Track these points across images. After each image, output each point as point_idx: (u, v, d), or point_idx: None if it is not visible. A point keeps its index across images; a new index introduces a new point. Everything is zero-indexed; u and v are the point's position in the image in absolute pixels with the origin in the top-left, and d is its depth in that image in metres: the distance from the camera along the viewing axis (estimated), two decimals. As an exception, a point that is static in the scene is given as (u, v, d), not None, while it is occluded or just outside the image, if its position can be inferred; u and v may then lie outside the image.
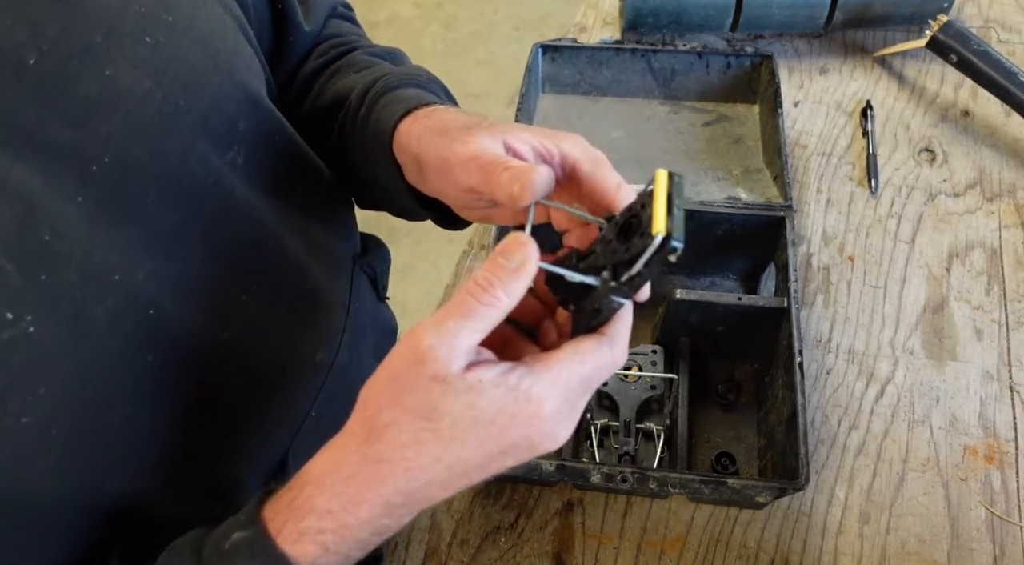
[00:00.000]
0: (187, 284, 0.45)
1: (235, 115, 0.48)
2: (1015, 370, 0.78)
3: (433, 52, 2.54)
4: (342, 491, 0.38)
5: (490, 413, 0.37)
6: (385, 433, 0.38)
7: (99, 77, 0.39)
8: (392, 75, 0.56)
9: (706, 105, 0.95)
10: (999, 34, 1.07)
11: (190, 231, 0.45)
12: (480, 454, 0.38)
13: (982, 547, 0.68)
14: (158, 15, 0.43)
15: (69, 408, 0.39)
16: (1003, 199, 0.90)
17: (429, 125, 0.48)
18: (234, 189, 0.48)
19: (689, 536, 0.69)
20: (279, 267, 0.53)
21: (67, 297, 0.38)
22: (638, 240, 0.38)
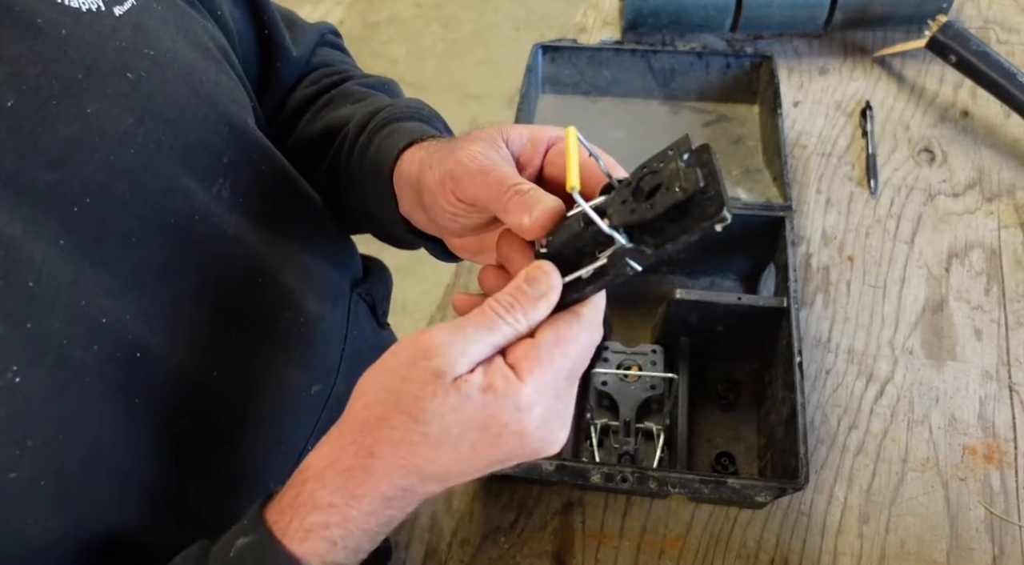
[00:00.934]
0: (175, 323, 0.44)
1: (220, 148, 0.47)
2: (1014, 370, 0.78)
3: (433, 52, 2.54)
4: (343, 484, 0.37)
5: (479, 420, 0.36)
6: (377, 428, 0.37)
7: (80, 116, 0.38)
8: (395, 107, 0.55)
9: (706, 105, 0.95)
10: (998, 34, 1.07)
11: (176, 268, 0.44)
12: (476, 459, 0.37)
13: (981, 547, 0.68)
14: (139, 49, 0.42)
15: (57, 458, 0.38)
16: (1002, 199, 0.91)
17: (431, 148, 0.48)
18: (221, 223, 0.47)
19: (689, 536, 0.69)
20: (271, 300, 0.52)
21: (53, 344, 0.37)
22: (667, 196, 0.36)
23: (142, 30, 0.42)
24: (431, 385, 0.36)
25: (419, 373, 0.36)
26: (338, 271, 0.62)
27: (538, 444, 0.38)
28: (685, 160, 0.37)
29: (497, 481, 0.73)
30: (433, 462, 0.37)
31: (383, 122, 0.54)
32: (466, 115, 2.37)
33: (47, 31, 0.38)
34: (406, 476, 0.37)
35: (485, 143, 0.44)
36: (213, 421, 0.48)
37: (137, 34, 0.42)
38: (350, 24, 2.65)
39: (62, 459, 0.38)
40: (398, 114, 0.54)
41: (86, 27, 0.39)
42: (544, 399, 0.37)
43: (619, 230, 0.37)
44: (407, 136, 0.50)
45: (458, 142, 0.45)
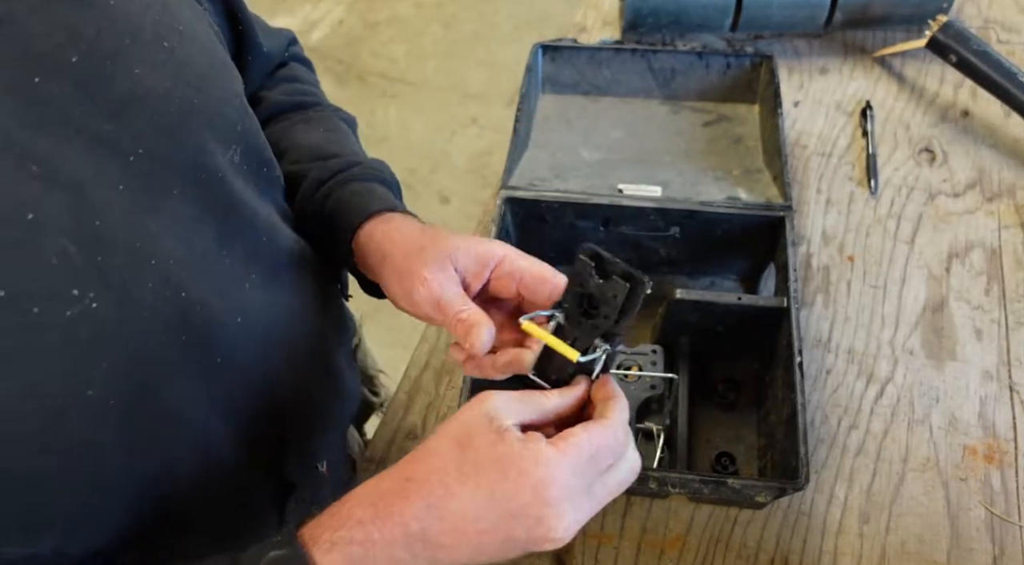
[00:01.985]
0: (206, 271, 0.48)
1: (233, 117, 0.51)
2: (1015, 370, 0.78)
3: (433, 52, 2.54)
4: (374, 502, 0.42)
5: (504, 460, 0.42)
6: (424, 459, 0.44)
7: (130, 76, 0.43)
8: (365, 166, 0.64)
9: (706, 105, 0.95)
10: (999, 34, 1.07)
11: (205, 222, 0.48)
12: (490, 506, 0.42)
13: (982, 547, 0.68)
14: (170, 23, 0.47)
15: (123, 385, 0.41)
16: (1003, 199, 0.91)
17: (392, 236, 0.58)
18: (234, 184, 0.51)
19: (689, 536, 0.69)
20: (274, 258, 0.56)
21: (118, 278, 0.41)
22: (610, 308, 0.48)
23: (169, 8, 0.47)
24: (481, 423, 0.44)
25: (474, 415, 0.44)
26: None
27: (547, 509, 0.42)
28: (596, 270, 0.49)
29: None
30: (454, 496, 0.42)
31: (352, 178, 0.63)
32: (466, 115, 2.37)
33: (98, 2, 0.42)
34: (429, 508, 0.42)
35: (435, 266, 0.54)
36: (240, 365, 0.52)
37: (166, 11, 0.47)
38: (350, 24, 2.65)
39: (127, 385, 0.42)
40: (367, 174, 0.64)
41: (129, 1, 0.44)
42: (563, 468, 0.43)
43: (595, 348, 0.49)
44: (369, 205, 0.60)
45: (414, 258, 0.55)
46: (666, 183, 0.85)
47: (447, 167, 2.26)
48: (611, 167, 0.88)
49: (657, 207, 0.79)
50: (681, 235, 0.82)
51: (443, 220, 2.12)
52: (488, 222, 0.90)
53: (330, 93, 0.78)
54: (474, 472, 0.42)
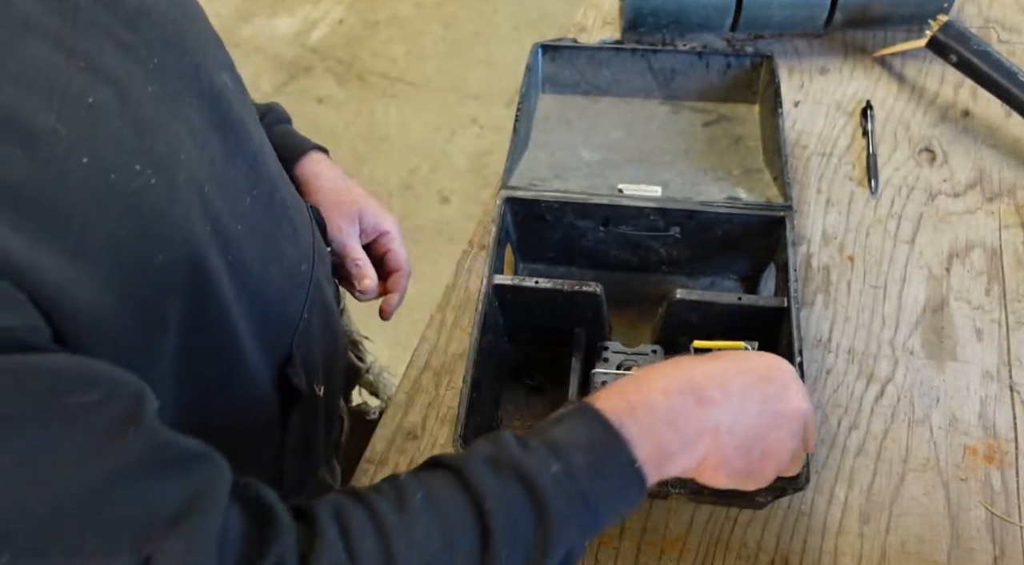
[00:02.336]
0: (215, 177, 0.51)
1: (219, 45, 0.57)
2: (1015, 370, 0.78)
3: (433, 52, 2.54)
4: (643, 375, 0.51)
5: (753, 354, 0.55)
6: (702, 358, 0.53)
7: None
8: (278, 109, 0.79)
9: (706, 105, 0.95)
10: (999, 34, 1.07)
11: (213, 133, 0.51)
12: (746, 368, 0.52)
13: (982, 547, 0.68)
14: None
15: (179, 259, 0.45)
16: (1003, 199, 0.90)
17: (318, 184, 0.75)
18: (232, 104, 0.55)
19: (689, 536, 0.69)
20: (269, 178, 0.60)
21: (163, 164, 0.44)
22: None
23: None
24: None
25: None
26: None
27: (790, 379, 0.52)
28: None
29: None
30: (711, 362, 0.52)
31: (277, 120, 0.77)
32: (466, 115, 2.37)
33: None
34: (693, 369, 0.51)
35: (347, 219, 0.74)
36: (243, 265, 0.54)
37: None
38: (350, 24, 2.65)
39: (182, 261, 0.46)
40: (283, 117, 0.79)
41: None
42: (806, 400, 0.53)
43: None
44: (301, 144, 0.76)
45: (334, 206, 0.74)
46: (666, 183, 0.85)
47: (447, 167, 2.26)
48: (611, 167, 0.88)
49: (657, 207, 0.79)
50: (681, 235, 0.81)
51: (443, 220, 2.12)
52: (488, 222, 0.90)
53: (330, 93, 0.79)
54: (722, 356, 0.53)
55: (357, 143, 2.30)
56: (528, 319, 0.78)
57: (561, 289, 0.73)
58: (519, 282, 0.74)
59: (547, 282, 0.73)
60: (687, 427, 0.49)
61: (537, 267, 0.89)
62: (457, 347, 0.82)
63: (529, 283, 0.74)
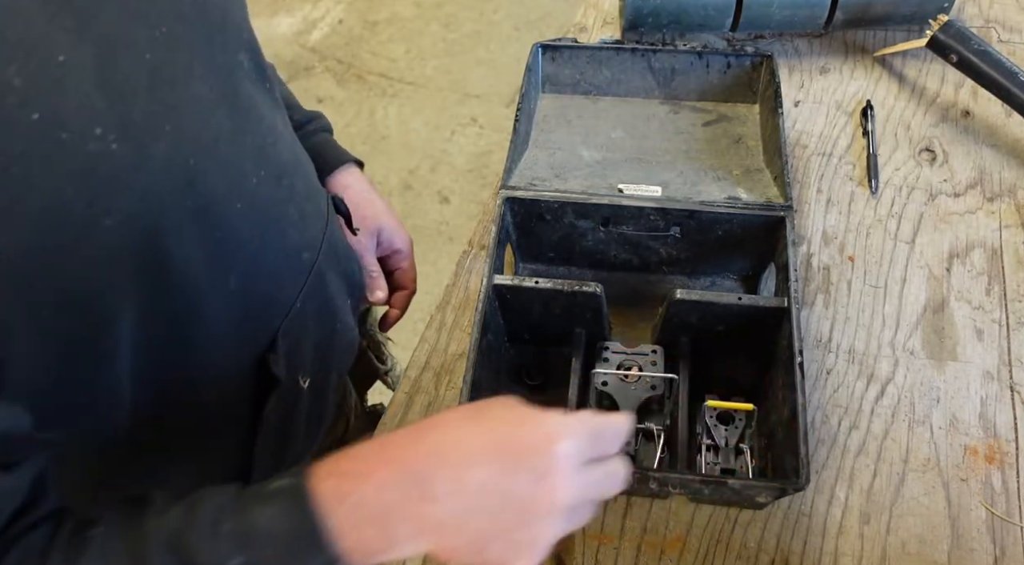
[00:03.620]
0: (216, 154, 0.51)
1: (242, 24, 0.56)
2: (1015, 370, 0.77)
3: (433, 52, 2.54)
4: (383, 443, 0.45)
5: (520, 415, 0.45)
6: (441, 416, 0.46)
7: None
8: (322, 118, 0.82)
9: (706, 105, 0.95)
10: (999, 34, 1.07)
11: (221, 110, 0.51)
12: (496, 450, 0.44)
13: (982, 547, 0.68)
14: None
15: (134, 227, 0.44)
16: (1003, 199, 0.90)
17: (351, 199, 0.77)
18: (243, 85, 0.55)
19: (689, 536, 0.69)
20: (279, 162, 0.60)
21: (136, 130, 0.44)
22: None
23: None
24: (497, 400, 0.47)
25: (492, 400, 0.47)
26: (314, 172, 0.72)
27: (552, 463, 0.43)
28: None
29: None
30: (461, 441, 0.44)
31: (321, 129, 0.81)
32: (466, 115, 2.37)
33: None
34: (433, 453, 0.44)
35: (368, 233, 0.80)
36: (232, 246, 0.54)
37: None
38: (350, 24, 2.65)
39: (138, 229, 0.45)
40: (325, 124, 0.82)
41: None
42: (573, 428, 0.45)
43: None
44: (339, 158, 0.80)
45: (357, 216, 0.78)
46: (666, 183, 0.85)
47: (447, 167, 2.26)
48: (611, 167, 0.88)
49: (657, 207, 0.79)
50: (681, 235, 0.81)
51: (443, 220, 2.12)
52: (488, 222, 0.90)
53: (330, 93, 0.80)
54: (487, 420, 0.45)
55: (357, 143, 2.30)
56: (528, 319, 0.78)
57: (561, 289, 0.73)
58: (519, 282, 0.74)
59: (547, 282, 0.73)
60: (401, 527, 0.43)
61: (537, 267, 0.88)
62: (457, 347, 0.82)
63: (529, 283, 0.74)
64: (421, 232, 2.08)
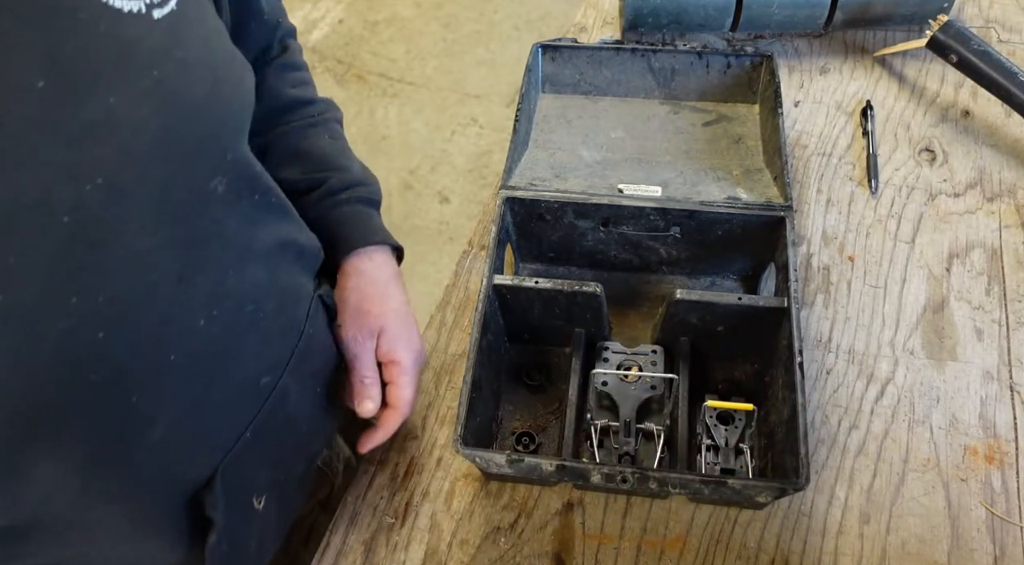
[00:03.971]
0: (148, 308, 0.46)
1: (225, 146, 0.50)
2: (1015, 370, 0.77)
3: (433, 52, 2.54)
4: None
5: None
6: None
7: (102, 104, 0.41)
8: (365, 187, 0.73)
9: (706, 105, 0.95)
10: (999, 34, 1.07)
11: (164, 255, 0.46)
12: None
13: (982, 547, 0.68)
14: (169, 51, 0.44)
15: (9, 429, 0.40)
16: (1003, 199, 0.90)
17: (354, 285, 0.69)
18: (208, 216, 0.50)
19: (689, 536, 0.69)
20: (242, 293, 0.54)
21: (26, 309, 0.39)
22: None
23: (176, 34, 0.45)
24: None
25: None
26: (305, 273, 0.65)
27: None
28: None
29: (497, 481, 0.73)
30: None
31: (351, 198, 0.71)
32: (466, 115, 2.37)
33: (87, 25, 0.40)
34: None
35: (367, 332, 0.68)
36: (164, 400, 0.50)
37: (170, 37, 0.45)
38: (350, 24, 2.65)
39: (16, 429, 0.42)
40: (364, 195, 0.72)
41: (123, 27, 0.42)
42: None
43: None
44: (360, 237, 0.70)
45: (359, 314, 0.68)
46: (666, 183, 0.85)
47: (447, 167, 2.26)
48: (611, 167, 0.88)
49: (657, 207, 0.79)
50: (681, 235, 0.81)
51: (443, 220, 2.12)
52: (488, 222, 0.90)
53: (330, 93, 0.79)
54: None
55: (357, 143, 2.30)
56: (528, 319, 0.78)
57: (561, 289, 0.73)
58: (519, 282, 0.74)
59: (547, 282, 0.73)
60: None
61: (537, 267, 0.88)
62: (457, 347, 0.82)
63: (529, 283, 0.74)
64: (421, 232, 2.08)
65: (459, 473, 0.74)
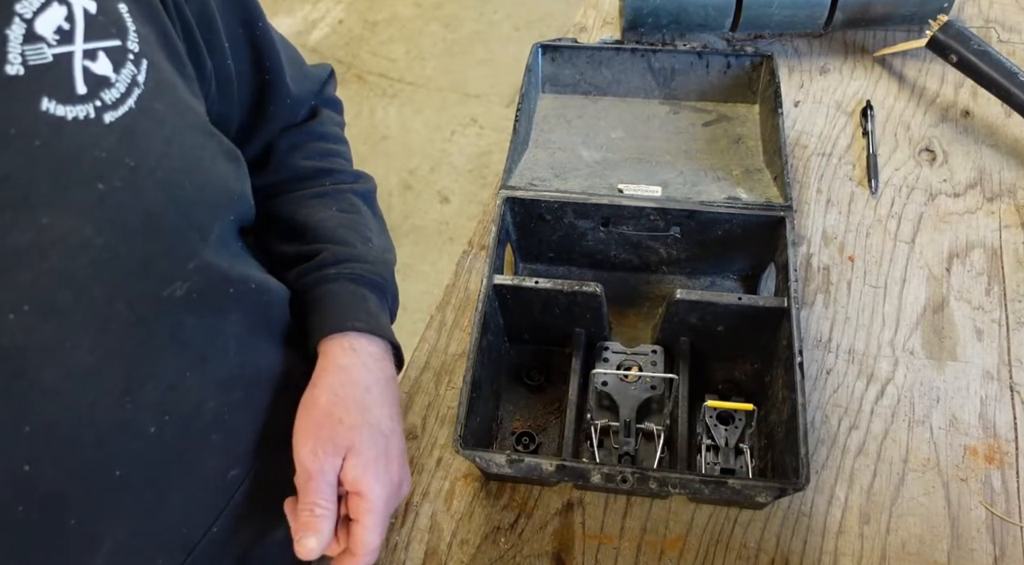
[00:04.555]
0: (87, 428, 0.43)
1: (185, 255, 0.46)
2: (1015, 370, 0.77)
3: (433, 52, 2.54)
4: None
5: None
6: None
7: (33, 226, 0.38)
8: (359, 266, 0.61)
9: (706, 105, 0.95)
10: (999, 34, 1.07)
11: (103, 372, 0.43)
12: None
13: (982, 547, 0.68)
14: (119, 159, 0.41)
15: None
16: (1003, 199, 0.90)
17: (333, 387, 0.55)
18: (159, 323, 0.46)
19: (689, 536, 0.69)
20: (198, 394, 0.50)
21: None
22: None
23: (129, 138, 0.41)
24: None
25: None
26: (283, 362, 0.59)
27: None
28: None
29: (497, 481, 0.73)
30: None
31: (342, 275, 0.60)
32: (466, 115, 2.37)
33: (18, 142, 0.37)
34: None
35: (332, 448, 0.52)
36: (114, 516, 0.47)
37: (123, 143, 0.41)
38: (350, 24, 2.65)
39: None
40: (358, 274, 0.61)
41: (65, 137, 0.38)
42: None
43: None
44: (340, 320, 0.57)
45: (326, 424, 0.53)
46: (666, 183, 0.85)
47: (447, 167, 2.26)
48: (611, 167, 0.88)
49: (657, 207, 0.79)
50: (681, 235, 0.81)
51: (443, 220, 2.12)
52: (488, 222, 0.90)
53: (330, 93, 0.77)
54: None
55: (357, 143, 2.30)
56: (528, 319, 0.78)
57: (561, 289, 0.73)
58: (519, 282, 0.74)
59: (547, 282, 0.73)
60: None
61: (537, 267, 0.89)
62: (457, 347, 0.82)
63: (529, 283, 0.74)
64: (421, 232, 2.08)
65: (459, 473, 0.74)
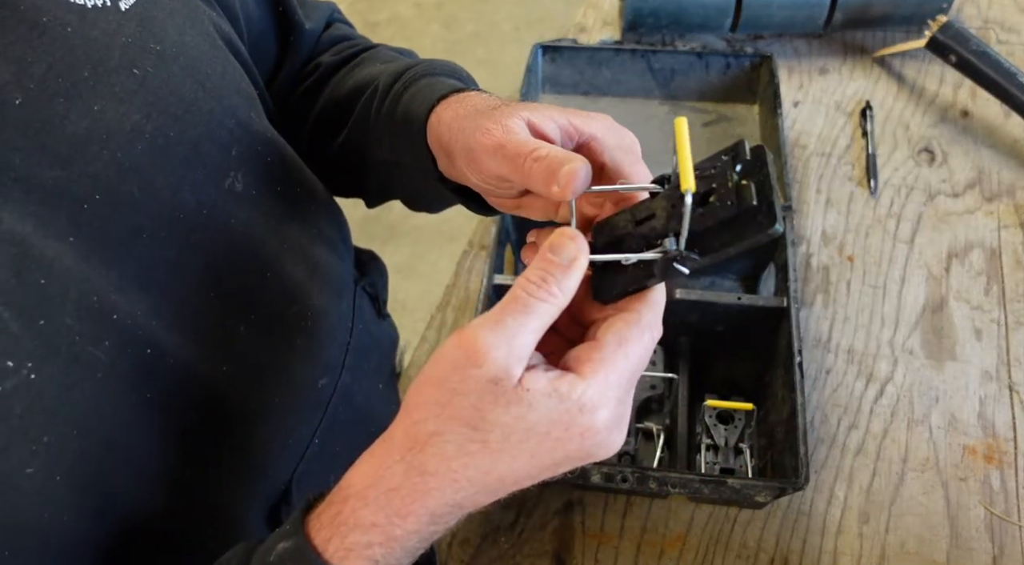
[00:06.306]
0: (186, 320, 0.44)
1: (227, 141, 0.47)
2: (1014, 370, 0.78)
3: (433, 52, 2.54)
4: (387, 503, 0.37)
5: (543, 426, 0.35)
6: (430, 443, 0.36)
7: (87, 114, 0.38)
8: (427, 63, 0.54)
9: (706, 105, 0.95)
10: (998, 34, 1.07)
11: (187, 264, 0.44)
12: (532, 466, 0.36)
13: (981, 547, 0.68)
14: (145, 44, 0.42)
15: (72, 452, 0.38)
16: (1002, 199, 0.91)
17: (459, 111, 0.46)
18: (231, 217, 0.47)
19: (689, 536, 0.69)
20: (279, 295, 0.52)
21: (65, 341, 0.37)
22: (720, 209, 0.36)
23: (148, 24, 0.42)
24: (490, 394, 0.35)
25: (473, 384, 0.35)
26: (343, 265, 0.62)
27: (598, 448, 0.37)
28: (739, 170, 0.37)
29: (497, 481, 0.73)
30: (489, 472, 0.36)
31: (419, 74, 0.53)
32: (466, 115, 2.37)
33: (52, 29, 0.38)
34: (459, 491, 0.36)
35: (504, 119, 0.42)
36: (223, 415, 0.48)
37: (143, 29, 0.42)
38: (350, 24, 2.65)
39: (77, 453, 0.39)
40: (431, 70, 0.53)
41: (91, 24, 0.39)
42: (608, 400, 0.36)
43: (671, 236, 0.37)
44: (438, 90, 0.49)
45: (481, 115, 0.43)
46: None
47: (447, 167, 2.26)
48: (611, 167, 0.88)
49: (657, 207, 0.79)
50: (681, 235, 0.82)
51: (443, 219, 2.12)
52: (488, 222, 0.90)
53: (330, 93, 0.77)
54: (506, 445, 0.36)
55: (357, 143, 2.30)
56: (528, 319, 0.78)
57: (561, 289, 0.73)
58: (519, 282, 0.74)
59: (547, 282, 0.73)
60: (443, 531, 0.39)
61: (537, 267, 0.88)
62: (457, 347, 0.82)
63: (529, 283, 0.74)
64: (421, 232, 2.08)
65: (459, 473, 0.74)
